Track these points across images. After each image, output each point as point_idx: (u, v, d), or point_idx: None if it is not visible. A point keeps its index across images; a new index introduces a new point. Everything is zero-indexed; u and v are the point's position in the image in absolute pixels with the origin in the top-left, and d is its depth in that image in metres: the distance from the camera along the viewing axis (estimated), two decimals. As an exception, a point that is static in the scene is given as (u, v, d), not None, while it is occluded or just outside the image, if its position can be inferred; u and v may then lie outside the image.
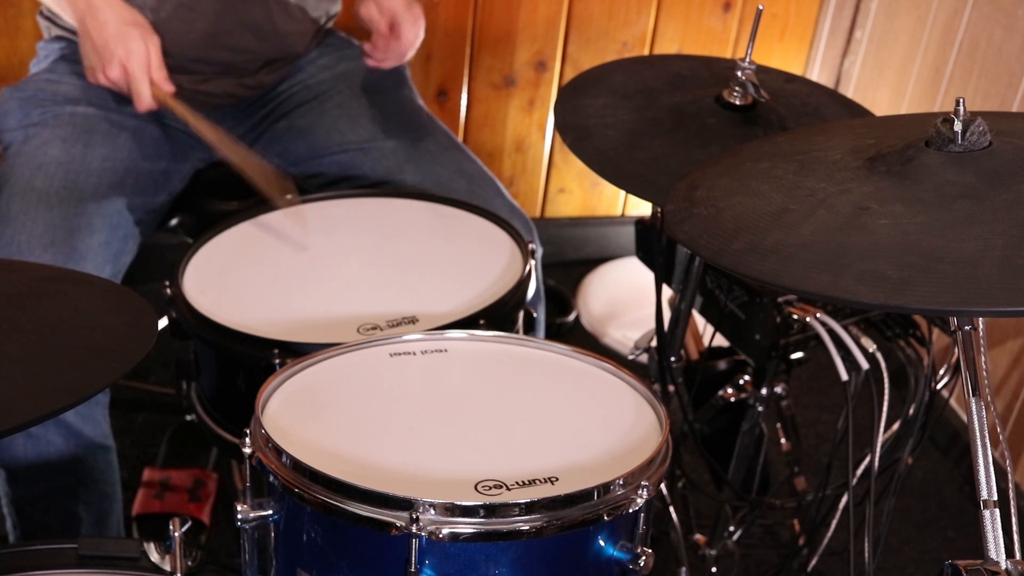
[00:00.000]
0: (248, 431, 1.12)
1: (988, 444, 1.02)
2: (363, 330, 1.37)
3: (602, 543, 1.08)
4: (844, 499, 1.66)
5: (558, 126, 1.46)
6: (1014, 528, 1.04)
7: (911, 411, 1.67)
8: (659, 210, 1.60)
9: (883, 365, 1.53)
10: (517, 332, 1.49)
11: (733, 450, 1.80)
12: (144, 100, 1.64)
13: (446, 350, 1.29)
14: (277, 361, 1.30)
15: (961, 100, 1.01)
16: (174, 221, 1.89)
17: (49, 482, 1.60)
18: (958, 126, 1.01)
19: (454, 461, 1.10)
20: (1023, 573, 1.01)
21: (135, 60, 1.61)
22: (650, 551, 1.09)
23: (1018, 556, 1.04)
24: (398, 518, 1.01)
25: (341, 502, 1.03)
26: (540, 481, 1.07)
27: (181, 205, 1.88)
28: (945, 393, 1.69)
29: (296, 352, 1.31)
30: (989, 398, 1.04)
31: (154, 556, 1.17)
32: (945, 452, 2.41)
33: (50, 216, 1.61)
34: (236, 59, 1.81)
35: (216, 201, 1.87)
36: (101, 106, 1.77)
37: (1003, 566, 1.00)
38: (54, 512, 1.63)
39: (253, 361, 1.34)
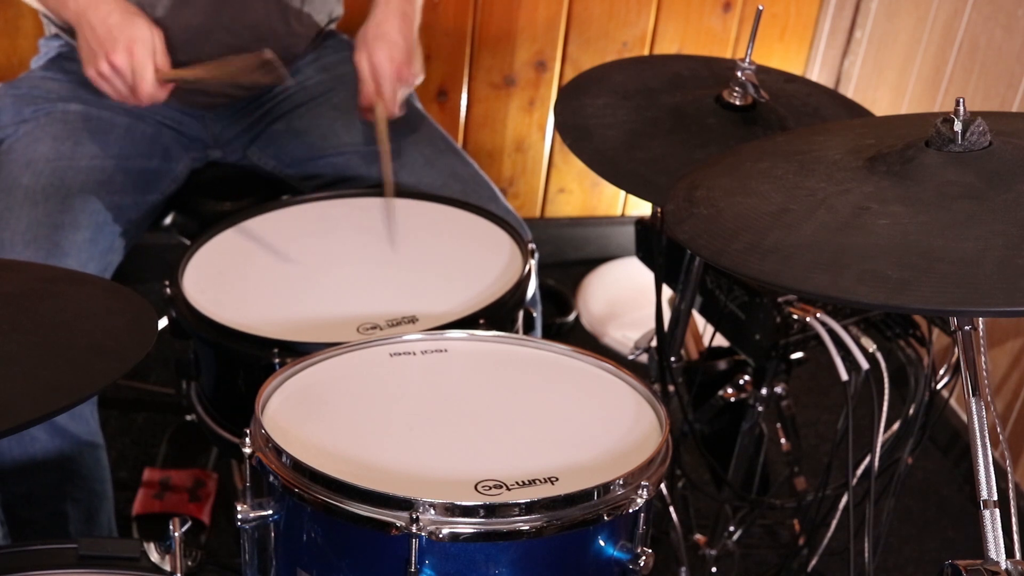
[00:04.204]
0: (248, 431, 1.12)
1: (988, 444, 1.02)
2: (363, 329, 1.37)
3: (602, 543, 1.08)
4: (844, 499, 1.66)
5: (558, 126, 1.46)
6: (1014, 528, 1.04)
7: (911, 411, 1.67)
8: (659, 210, 1.60)
9: (883, 365, 1.53)
10: (517, 332, 1.49)
11: (733, 450, 1.80)
12: (147, 85, 1.58)
13: (446, 350, 1.29)
14: (277, 360, 1.30)
15: (961, 100, 1.01)
16: (168, 221, 1.89)
17: (35, 479, 1.59)
18: (958, 126, 1.01)
19: (454, 461, 1.10)
20: (1023, 573, 1.01)
21: (141, 45, 1.56)
22: (650, 551, 1.09)
23: (1018, 556, 1.04)
24: (398, 518, 1.01)
25: (341, 502, 1.03)
26: (540, 481, 1.07)
27: (176, 205, 1.88)
28: (945, 393, 1.69)
29: (296, 351, 1.31)
30: (989, 398, 1.04)
31: (154, 556, 1.17)
32: (945, 452, 2.41)
33: (34, 213, 1.61)
34: None
35: (211, 201, 1.87)
36: (92, 104, 1.77)
37: (1003, 566, 1.00)
38: (41, 509, 1.63)
39: (253, 360, 1.34)
